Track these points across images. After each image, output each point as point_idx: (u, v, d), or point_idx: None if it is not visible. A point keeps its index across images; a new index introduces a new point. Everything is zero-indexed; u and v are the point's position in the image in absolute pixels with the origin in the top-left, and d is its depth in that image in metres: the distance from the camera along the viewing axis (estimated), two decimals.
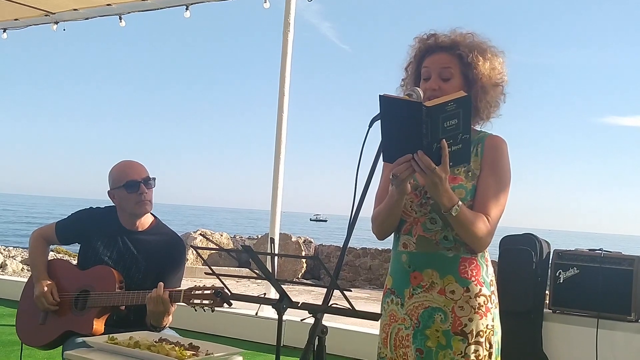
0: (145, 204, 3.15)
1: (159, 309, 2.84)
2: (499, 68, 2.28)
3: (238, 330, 6.21)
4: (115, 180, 3.17)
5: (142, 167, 3.21)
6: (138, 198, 3.12)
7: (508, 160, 2.29)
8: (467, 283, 2.18)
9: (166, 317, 2.94)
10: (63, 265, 3.30)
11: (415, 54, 2.34)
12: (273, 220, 6.31)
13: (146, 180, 3.15)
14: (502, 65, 2.29)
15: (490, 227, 2.17)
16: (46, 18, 7.48)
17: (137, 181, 3.12)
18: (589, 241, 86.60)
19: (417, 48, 2.33)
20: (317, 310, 1.81)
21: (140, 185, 3.12)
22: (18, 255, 14.49)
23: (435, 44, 2.29)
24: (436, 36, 2.30)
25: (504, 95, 2.32)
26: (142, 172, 3.17)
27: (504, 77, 2.29)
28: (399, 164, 2.02)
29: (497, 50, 2.30)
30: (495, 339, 2.22)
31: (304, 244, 18.86)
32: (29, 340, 3.20)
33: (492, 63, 2.26)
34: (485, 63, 2.24)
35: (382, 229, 2.32)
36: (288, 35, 6.29)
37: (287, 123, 6.33)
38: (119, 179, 3.15)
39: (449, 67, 2.24)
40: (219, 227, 50.79)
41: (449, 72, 2.24)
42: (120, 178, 3.14)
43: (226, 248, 6.14)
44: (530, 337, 4.57)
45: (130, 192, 3.11)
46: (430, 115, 1.91)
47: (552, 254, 4.76)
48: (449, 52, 2.26)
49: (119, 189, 3.14)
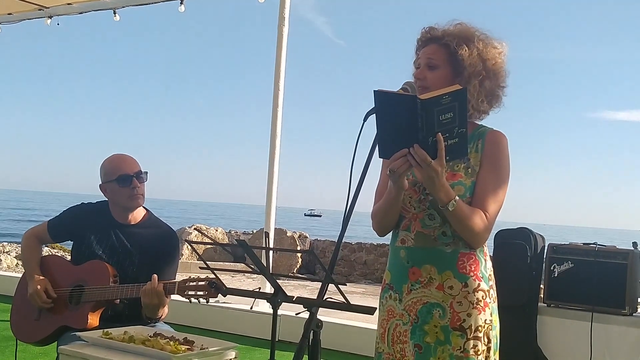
0: (138, 198, 3.14)
1: (153, 302, 2.84)
2: (491, 57, 2.24)
3: (233, 325, 6.21)
4: (107, 174, 3.16)
5: (134, 160, 3.20)
6: (130, 192, 3.11)
7: (508, 156, 2.27)
8: (465, 278, 2.18)
9: (161, 309, 2.94)
10: (56, 261, 3.29)
11: (416, 48, 2.36)
12: (268, 215, 6.31)
13: (138, 174, 3.14)
14: (496, 55, 2.26)
15: (487, 223, 2.17)
16: (40, 12, 7.46)
17: (129, 175, 3.11)
18: (583, 235, 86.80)
19: (418, 42, 2.35)
20: (312, 304, 1.81)
21: (133, 179, 3.11)
22: (12, 250, 14.44)
23: (430, 36, 2.30)
24: (432, 29, 2.31)
25: (502, 87, 2.29)
26: (134, 166, 3.16)
27: (495, 66, 2.25)
28: (396, 159, 2.01)
29: (488, 40, 2.27)
30: (493, 333, 2.22)
31: (299, 239, 18.86)
32: (23, 336, 3.19)
33: (479, 51, 2.23)
34: (471, 51, 2.22)
35: (382, 225, 2.32)
36: (283, 30, 6.29)
37: (282, 118, 6.33)
38: (111, 173, 3.13)
39: (434, 57, 2.25)
40: (214, 222, 50.68)
41: (434, 62, 2.25)
42: (113, 172, 3.13)
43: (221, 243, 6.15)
44: (525, 331, 4.59)
45: (122, 186, 3.10)
46: (425, 109, 1.90)
47: (547, 248, 4.77)
48: (438, 43, 2.27)
49: (111, 183, 3.13)
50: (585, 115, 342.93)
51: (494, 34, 2.30)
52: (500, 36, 2.32)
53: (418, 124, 1.92)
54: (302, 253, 16.89)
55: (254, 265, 1.96)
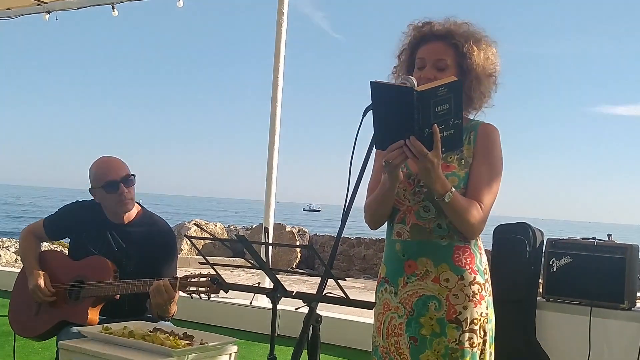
0: (127, 203, 3.10)
1: (164, 298, 2.82)
2: (492, 58, 2.27)
3: (232, 320, 6.22)
4: (94, 180, 3.13)
5: (121, 164, 3.14)
6: (118, 198, 3.07)
7: (500, 148, 2.30)
8: (461, 271, 2.19)
9: (172, 306, 2.91)
10: (56, 256, 3.29)
11: (409, 41, 2.32)
12: (267, 210, 6.31)
13: (126, 179, 3.09)
14: (495, 55, 2.29)
15: (483, 214, 2.18)
16: (38, 7, 7.44)
17: (116, 181, 3.06)
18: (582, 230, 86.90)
19: (412, 36, 2.32)
20: (311, 299, 1.81)
21: (120, 185, 3.06)
22: (12, 246, 14.43)
23: (431, 32, 2.28)
24: (431, 24, 2.29)
25: (496, 85, 2.32)
26: (121, 170, 3.11)
27: (497, 67, 2.29)
28: (391, 151, 2.01)
29: (490, 40, 2.29)
30: (489, 326, 2.23)
31: (298, 234, 18.86)
32: (22, 331, 3.19)
33: (486, 53, 2.26)
34: (480, 53, 2.24)
35: (374, 218, 2.32)
36: (282, 25, 6.28)
37: (280, 113, 6.32)
38: (98, 179, 3.10)
39: (444, 58, 2.23)
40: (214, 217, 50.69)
41: (444, 63, 2.23)
42: (99, 178, 3.09)
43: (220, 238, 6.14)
44: (523, 326, 4.59)
45: (109, 193, 3.07)
46: (421, 100, 1.90)
47: (546, 242, 4.77)
48: (444, 42, 2.25)
49: (99, 189, 3.10)
50: (583, 110, 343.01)
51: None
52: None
53: (414, 115, 1.92)
54: (301, 248, 16.83)
55: (253, 261, 1.96)
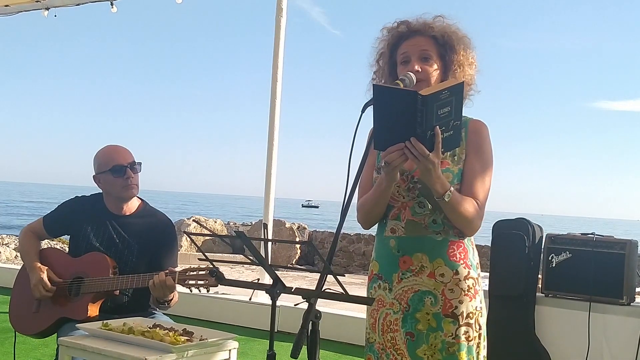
0: (132, 188, 3.14)
1: (164, 292, 2.84)
2: (470, 47, 2.33)
3: (232, 316, 6.23)
4: (100, 165, 3.15)
5: (127, 151, 3.19)
6: (125, 182, 3.11)
7: (490, 144, 2.34)
8: (456, 266, 2.22)
9: (172, 293, 2.91)
10: (55, 254, 3.29)
11: (387, 43, 2.36)
12: (267, 206, 6.31)
13: (132, 165, 3.14)
14: (471, 43, 2.34)
15: (479, 210, 2.21)
16: (37, 4, 7.43)
17: (123, 165, 3.11)
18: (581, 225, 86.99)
19: (389, 38, 2.35)
20: (310, 295, 1.81)
21: (127, 170, 3.11)
22: (11, 242, 14.44)
23: (408, 29, 2.32)
24: (407, 22, 2.33)
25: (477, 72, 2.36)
26: (128, 157, 3.16)
27: (475, 54, 2.34)
28: (391, 152, 2.03)
29: (464, 31, 2.34)
30: (483, 320, 2.27)
31: (298, 230, 18.88)
32: (22, 328, 3.19)
33: (464, 41, 2.31)
34: (459, 42, 2.30)
35: (369, 218, 2.34)
36: (281, 21, 6.27)
37: (280, 110, 6.32)
38: (105, 164, 3.13)
39: (427, 49, 2.28)
40: (213, 214, 50.77)
41: (428, 54, 2.28)
42: (106, 162, 3.13)
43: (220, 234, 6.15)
44: (522, 321, 4.60)
45: (116, 177, 3.11)
46: (425, 104, 1.92)
47: (545, 238, 4.77)
48: (423, 35, 2.30)
49: (105, 174, 3.13)
50: (582, 105, 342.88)
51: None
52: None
53: (417, 118, 1.95)
54: (300, 244, 16.89)
55: (252, 257, 1.96)
